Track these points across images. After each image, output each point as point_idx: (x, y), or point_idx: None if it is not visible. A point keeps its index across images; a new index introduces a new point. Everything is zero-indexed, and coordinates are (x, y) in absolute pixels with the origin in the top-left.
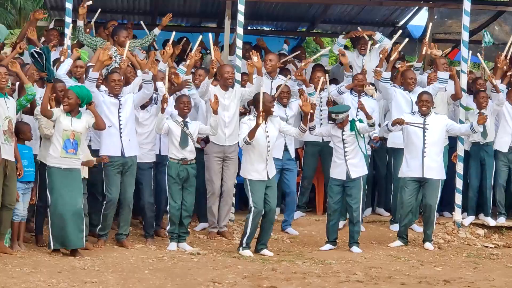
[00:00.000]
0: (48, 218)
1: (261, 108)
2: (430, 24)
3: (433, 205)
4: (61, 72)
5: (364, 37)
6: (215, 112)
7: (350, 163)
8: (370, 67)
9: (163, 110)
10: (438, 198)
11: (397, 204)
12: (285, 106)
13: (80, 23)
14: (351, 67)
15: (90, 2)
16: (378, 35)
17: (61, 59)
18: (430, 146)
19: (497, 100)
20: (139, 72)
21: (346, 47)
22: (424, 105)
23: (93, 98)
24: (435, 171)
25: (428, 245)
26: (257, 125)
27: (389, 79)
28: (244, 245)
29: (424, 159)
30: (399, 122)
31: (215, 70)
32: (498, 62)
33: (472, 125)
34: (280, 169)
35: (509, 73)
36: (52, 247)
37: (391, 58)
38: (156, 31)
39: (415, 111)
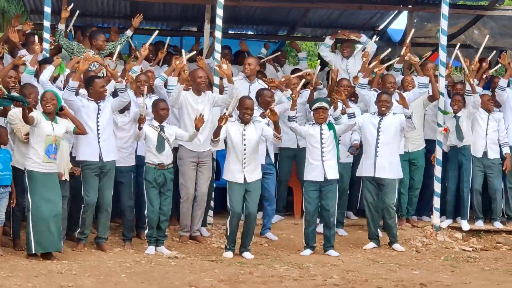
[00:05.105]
0: (26, 222)
1: (228, 111)
2: (412, 30)
3: (390, 204)
4: (44, 78)
5: (348, 40)
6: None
7: (327, 164)
8: (354, 71)
9: (140, 128)
10: (396, 198)
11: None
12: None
13: (62, 26)
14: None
15: (71, 6)
16: (364, 38)
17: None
18: (383, 145)
19: (473, 102)
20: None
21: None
22: (384, 105)
23: (72, 105)
24: (388, 170)
25: (396, 246)
26: (219, 127)
27: (366, 84)
28: (226, 247)
29: (376, 159)
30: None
31: (186, 74)
32: (472, 64)
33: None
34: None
35: (485, 76)
36: (33, 251)
37: (371, 66)
38: (129, 32)
39: (375, 112)
